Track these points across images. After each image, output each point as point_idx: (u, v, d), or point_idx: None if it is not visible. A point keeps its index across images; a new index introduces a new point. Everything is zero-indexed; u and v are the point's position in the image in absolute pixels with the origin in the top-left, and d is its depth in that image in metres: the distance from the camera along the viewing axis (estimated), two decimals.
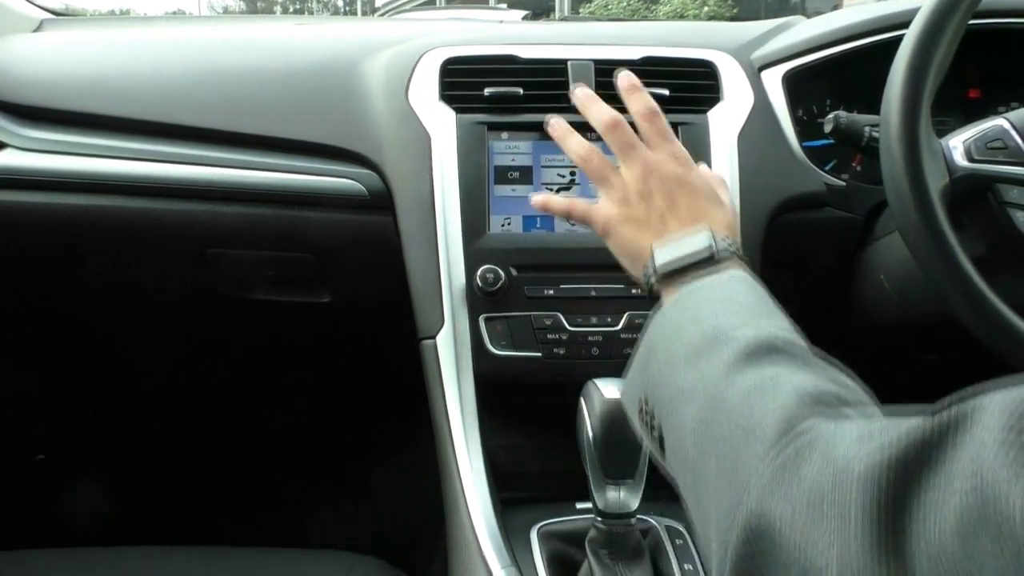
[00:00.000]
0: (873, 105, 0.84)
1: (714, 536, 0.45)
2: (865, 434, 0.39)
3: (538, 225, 1.00)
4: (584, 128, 1.04)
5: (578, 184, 1.02)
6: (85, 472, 1.60)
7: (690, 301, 0.59)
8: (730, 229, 0.68)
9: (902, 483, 0.35)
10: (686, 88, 1.06)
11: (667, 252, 0.64)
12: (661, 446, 0.54)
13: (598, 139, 1.04)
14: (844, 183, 1.09)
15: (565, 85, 1.05)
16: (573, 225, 1.00)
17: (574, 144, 0.78)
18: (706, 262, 0.62)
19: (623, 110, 1.04)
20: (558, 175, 1.02)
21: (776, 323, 0.55)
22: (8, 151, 1.07)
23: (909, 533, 0.33)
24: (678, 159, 0.72)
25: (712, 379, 0.50)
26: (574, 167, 1.03)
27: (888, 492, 0.35)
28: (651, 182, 0.70)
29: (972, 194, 0.82)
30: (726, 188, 0.76)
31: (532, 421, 1.00)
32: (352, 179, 1.05)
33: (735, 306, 0.57)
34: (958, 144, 0.83)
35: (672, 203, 0.68)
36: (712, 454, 0.47)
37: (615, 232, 0.71)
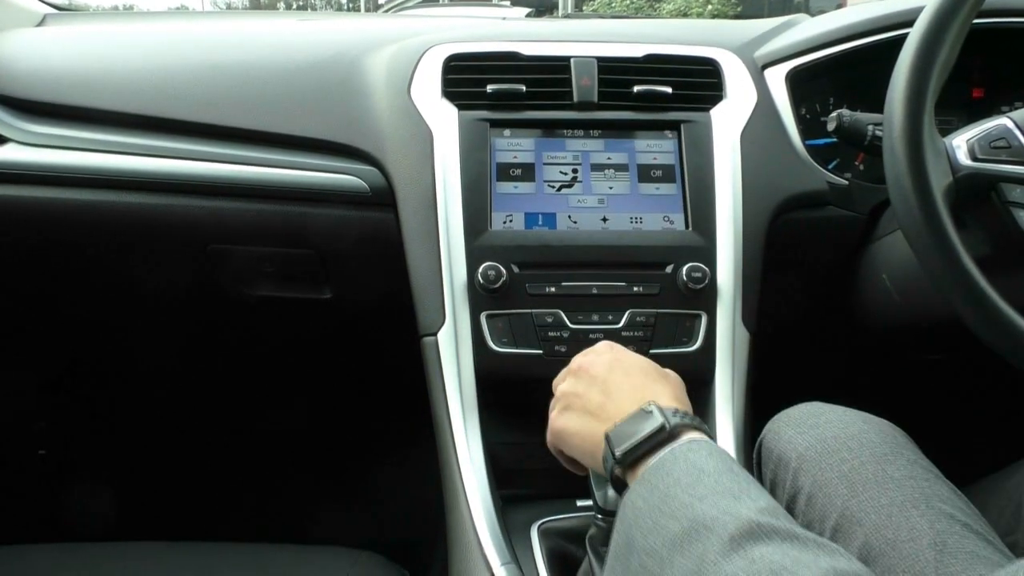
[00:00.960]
0: (876, 104, 0.84)
1: None
2: None
3: (540, 223, 1.00)
4: (587, 126, 1.04)
5: (580, 181, 1.02)
6: (87, 468, 1.61)
7: (657, 482, 0.57)
8: (678, 400, 0.67)
9: None
10: (689, 86, 1.06)
11: (622, 439, 0.62)
12: None
13: (599, 137, 1.04)
14: (847, 182, 1.09)
15: (568, 83, 1.05)
16: (575, 222, 1.00)
17: None
18: (662, 438, 0.60)
19: (625, 107, 1.05)
20: (560, 172, 1.02)
21: (749, 502, 0.53)
22: (10, 146, 1.07)
23: None
24: (601, 351, 0.73)
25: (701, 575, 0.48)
26: (576, 164, 1.03)
27: None
28: (582, 376, 0.70)
29: (975, 193, 0.82)
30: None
31: (533, 418, 1.00)
32: (354, 175, 1.05)
33: (706, 484, 0.55)
34: (962, 143, 0.82)
35: (609, 385, 0.68)
36: None
37: (564, 431, 0.70)
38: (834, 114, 0.99)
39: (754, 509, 0.51)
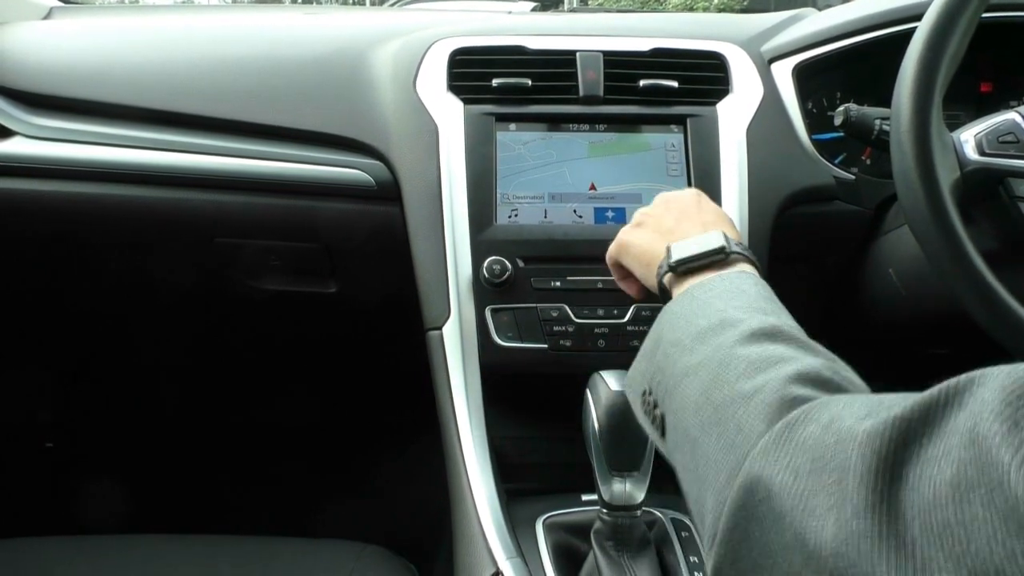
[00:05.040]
0: (884, 98, 0.84)
1: (710, 500, 0.46)
2: (871, 402, 0.40)
3: (545, 217, 1.00)
4: (593, 120, 1.04)
5: (585, 176, 1.02)
6: (94, 460, 1.61)
7: (699, 293, 0.61)
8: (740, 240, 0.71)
9: (901, 444, 0.35)
10: (695, 80, 1.06)
11: (682, 249, 0.66)
12: (662, 431, 0.56)
13: (606, 131, 1.04)
14: (853, 176, 1.08)
15: (574, 76, 1.04)
16: (580, 216, 1.00)
17: None
18: (718, 261, 0.64)
19: (631, 101, 1.04)
20: (565, 166, 1.02)
21: (782, 317, 0.57)
22: (16, 139, 1.07)
23: (904, 493, 0.34)
24: (689, 191, 0.77)
25: (716, 356, 0.52)
26: (582, 158, 1.03)
27: (887, 452, 0.35)
28: (667, 204, 0.75)
29: (983, 188, 0.82)
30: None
31: (537, 413, 1.00)
32: (360, 169, 1.05)
33: (743, 299, 0.59)
34: (969, 138, 0.82)
35: (685, 213, 0.73)
36: (713, 422, 0.49)
37: (630, 242, 0.74)
38: (841, 108, 0.99)
39: (784, 321, 0.56)
